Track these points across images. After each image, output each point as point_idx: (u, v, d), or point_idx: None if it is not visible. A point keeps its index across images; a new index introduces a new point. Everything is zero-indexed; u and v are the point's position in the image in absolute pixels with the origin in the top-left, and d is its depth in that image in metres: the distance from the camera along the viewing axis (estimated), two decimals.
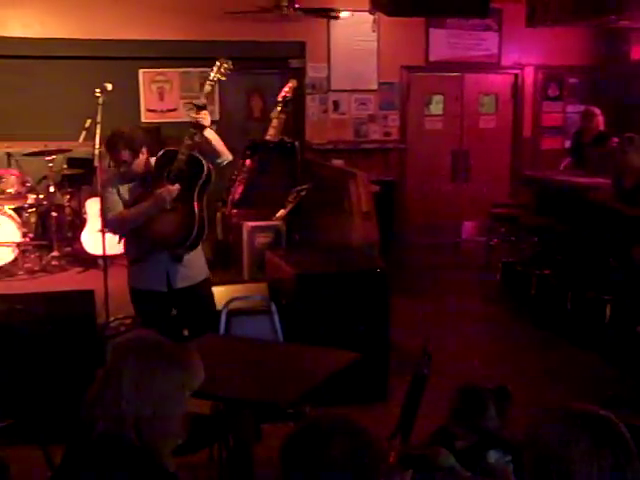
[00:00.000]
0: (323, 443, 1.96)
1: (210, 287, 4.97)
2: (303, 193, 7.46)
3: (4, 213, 7.70)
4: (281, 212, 7.38)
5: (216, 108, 10.09)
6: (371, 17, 9.55)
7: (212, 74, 4.91)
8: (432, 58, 10.38)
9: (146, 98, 9.95)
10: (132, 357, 2.15)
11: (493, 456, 3.07)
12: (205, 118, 4.75)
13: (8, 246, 7.62)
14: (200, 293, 4.85)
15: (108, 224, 4.78)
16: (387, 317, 5.54)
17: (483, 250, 9.28)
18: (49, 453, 3.90)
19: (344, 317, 5.37)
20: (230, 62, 4.96)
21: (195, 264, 4.80)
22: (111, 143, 4.56)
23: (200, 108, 4.78)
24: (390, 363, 5.50)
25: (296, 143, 8.40)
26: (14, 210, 7.86)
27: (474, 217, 10.52)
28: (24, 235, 7.77)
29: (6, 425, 4.01)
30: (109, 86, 6.42)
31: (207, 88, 4.87)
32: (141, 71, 9.88)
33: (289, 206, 7.40)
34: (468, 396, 3.33)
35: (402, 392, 3.91)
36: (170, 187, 4.58)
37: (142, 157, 4.60)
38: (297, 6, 9.24)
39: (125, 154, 4.51)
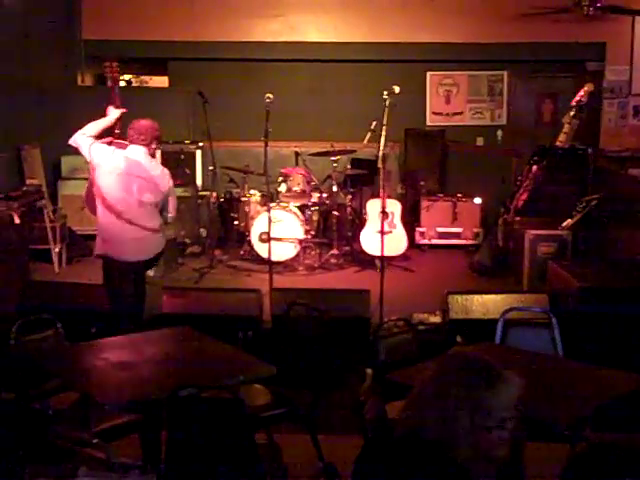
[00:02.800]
0: (614, 470, 1.75)
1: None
2: (593, 203, 7.00)
3: (289, 210, 7.96)
4: (568, 222, 6.99)
5: (503, 112, 9.84)
6: None
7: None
8: None
9: (432, 101, 9.92)
10: (465, 376, 2.15)
11: None
12: None
13: (291, 242, 7.88)
14: None
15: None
16: None
17: None
18: (319, 443, 3.92)
19: (632, 336, 4.93)
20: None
21: None
22: None
23: None
24: None
25: (589, 150, 7.90)
26: (298, 208, 8.12)
27: None
28: (306, 232, 7.99)
29: (280, 413, 4.06)
30: (397, 89, 6.39)
31: None
32: (429, 74, 9.87)
33: (577, 216, 6.99)
34: None
35: None
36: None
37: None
38: (599, 5, 8.70)
39: None
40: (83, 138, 5.35)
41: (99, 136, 5.44)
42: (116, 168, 5.27)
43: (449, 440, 2.09)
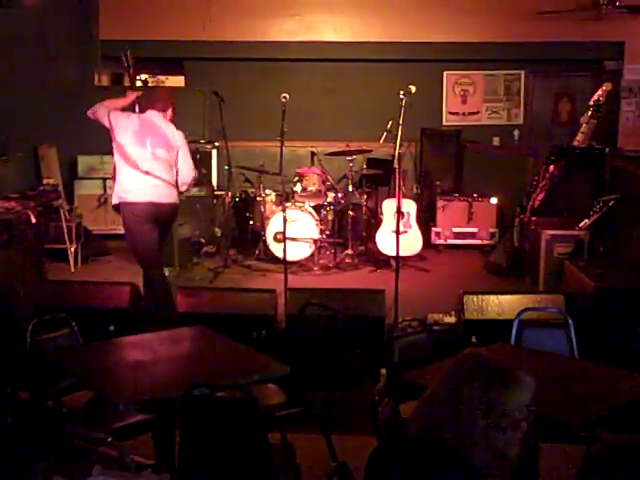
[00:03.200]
0: (624, 467, 1.75)
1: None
2: (611, 203, 6.96)
3: (304, 210, 7.96)
4: (584, 222, 6.95)
5: (520, 111, 9.81)
6: None
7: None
8: None
9: (448, 101, 9.89)
10: (478, 376, 2.17)
11: None
12: None
13: (306, 242, 7.87)
14: None
15: None
16: None
17: None
18: (332, 443, 3.91)
19: None
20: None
21: None
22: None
23: None
24: None
25: (606, 150, 7.85)
26: (314, 207, 8.11)
27: None
28: (321, 232, 7.99)
29: (294, 413, 4.06)
30: (413, 88, 6.36)
31: None
32: (445, 73, 9.84)
33: (594, 216, 6.94)
34: None
35: None
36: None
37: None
38: (618, 4, 8.64)
39: None
40: (101, 108, 5.92)
41: None
42: (131, 126, 5.88)
43: (464, 440, 2.08)
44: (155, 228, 5.90)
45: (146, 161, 5.82)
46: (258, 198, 8.38)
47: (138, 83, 9.68)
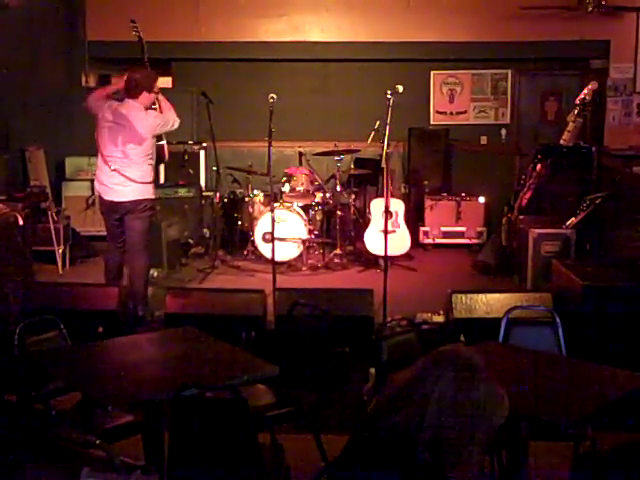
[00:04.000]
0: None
1: None
2: (598, 201, 7.00)
3: (293, 210, 7.96)
4: (572, 220, 6.98)
5: (507, 110, 9.83)
6: None
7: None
8: None
9: (436, 100, 9.90)
10: (449, 372, 2.15)
11: None
12: None
13: (295, 242, 7.88)
14: None
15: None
16: None
17: None
18: (322, 443, 3.92)
19: (635, 335, 4.92)
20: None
21: None
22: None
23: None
24: None
25: (593, 148, 7.89)
26: (302, 207, 8.12)
27: None
28: (310, 232, 7.99)
29: (284, 413, 4.06)
30: (400, 88, 6.37)
31: None
32: (433, 73, 9.85)
33: (581, 214, 6.98)
34: None
35: None
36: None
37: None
38: (604, 3, 8.69)
39: None
40: (89, 99, 6.13)
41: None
42: (106, 121, 6.00)
43: (437, 439, 2.06)
44: (116, 219, 6.17)
45: (118, 159, 5.97)
46: (246, 199, 8.38)
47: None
